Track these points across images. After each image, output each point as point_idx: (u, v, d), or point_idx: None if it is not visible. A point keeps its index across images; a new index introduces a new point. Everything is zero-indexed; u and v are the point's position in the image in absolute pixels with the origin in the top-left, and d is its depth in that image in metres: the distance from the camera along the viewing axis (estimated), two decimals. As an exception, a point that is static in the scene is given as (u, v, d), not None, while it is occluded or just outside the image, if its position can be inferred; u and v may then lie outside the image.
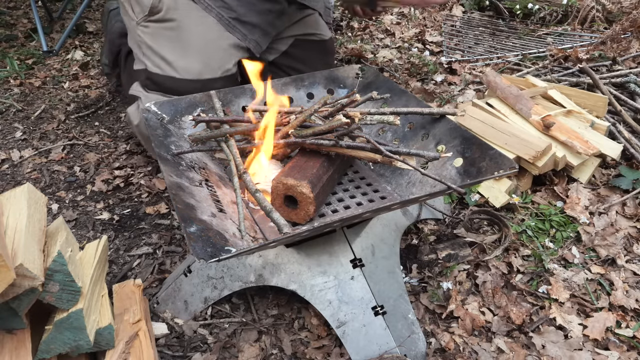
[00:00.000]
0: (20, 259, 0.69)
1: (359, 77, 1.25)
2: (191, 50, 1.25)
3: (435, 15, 2.69)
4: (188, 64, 1.24)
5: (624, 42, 2.01)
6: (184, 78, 1.22)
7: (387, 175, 1.07)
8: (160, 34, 1.25)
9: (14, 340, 0.75)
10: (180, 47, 1.25)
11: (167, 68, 1.24)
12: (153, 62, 1.26)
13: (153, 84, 1.27)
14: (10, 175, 1.56)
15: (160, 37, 1.25)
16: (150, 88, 1.28)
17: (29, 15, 2.86)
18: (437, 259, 1.15)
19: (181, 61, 1.24)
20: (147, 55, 1.27)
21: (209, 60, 1.25)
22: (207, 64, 1.25)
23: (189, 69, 1.24)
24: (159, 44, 1.25)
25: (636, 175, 1.36)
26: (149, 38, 1.26)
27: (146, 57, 1.28)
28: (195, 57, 1.24)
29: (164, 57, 1.24)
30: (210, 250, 0.71)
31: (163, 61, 1.24)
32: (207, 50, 1.25)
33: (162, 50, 1.25)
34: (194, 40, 1.25)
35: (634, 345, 0.97)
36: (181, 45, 1.25)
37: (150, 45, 1.26)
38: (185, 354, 0.98)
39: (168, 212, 1.37)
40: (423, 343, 0.95)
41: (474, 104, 1.52)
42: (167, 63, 1.24)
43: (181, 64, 1.24)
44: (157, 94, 1.26)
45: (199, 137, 1.03)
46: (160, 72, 1.25)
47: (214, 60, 1.26)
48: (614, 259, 1.16)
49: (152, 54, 1.26)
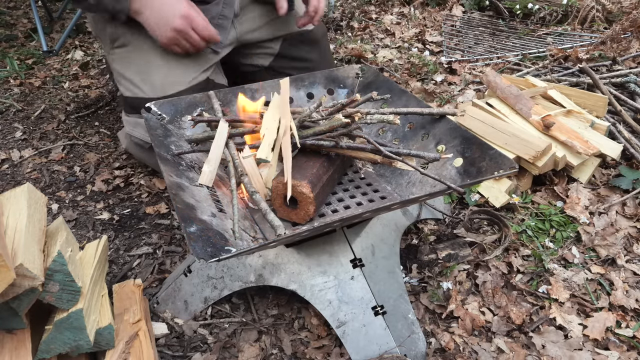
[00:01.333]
0: (20, 259, 0.69)
1: (359, 77, 1.25)
2: (152, 69, 1.26)
3: (435, 15, 2.69)
4: (151, 82, 1.25)
5: (624, 42, 2.01)
6: (150, 97, 1.23)
7: (387, 175, 1.07)
8: (123, 59, 1.29)
9: (14, 340, 0.75)
10: (141, 68, 1.27)
11: (135, 89, 1.27)
12: (124, 86, 1.29)
13: (130, 107, 1.29)
14: (10, 175, 1.56)
15: (123, 61, 1.29)
16: (128, 112, 1.31)
17: (29, 15, 2.86)
18: (437, 259, 1.15)
19: (145, 81, 1.26)
20: (119, 81, 1.31)
21: (170, 75, 1.25)
22: (169, 79, 1.25)
23: (153, 87, 1.25)
24: (124, 68, 1.28)
25: (636, 175, 1.36)
26: (116, 65, 1.30)
27: (119, 83, 1.31)
28: (155, 74, 1.25)
29: (130, 80, 1.27)
30: (210, 250, 0.71)
31: (130, 84, 1.27)
32: (166, 65, 1.26)
33: (127, 73, 1.28)
34: (152, 58, 1.26)
35: (634, 345, 0.97)
36: (141, 66, 1.27)
37: (119, 70, 1.30)
38: (185, 354, 0.98)
39: (168, 212, 1.37)
40: (423, 343, 0.95)
41: (474, 104, 1.52)
42: (133, 85, 1.27)
43: (145, 84, 1.26)
44: (135, 116, 1.27)
45: (196, 138, 1.03)
46: (131, 94, 1.28)
47: (175, 73, 1.26)
48: (614, 259, 1.16)
49: (122, 79, 1.29)
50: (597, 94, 1.54)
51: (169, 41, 1.19)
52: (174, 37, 1.18)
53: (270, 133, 0.95)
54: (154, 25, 1.18)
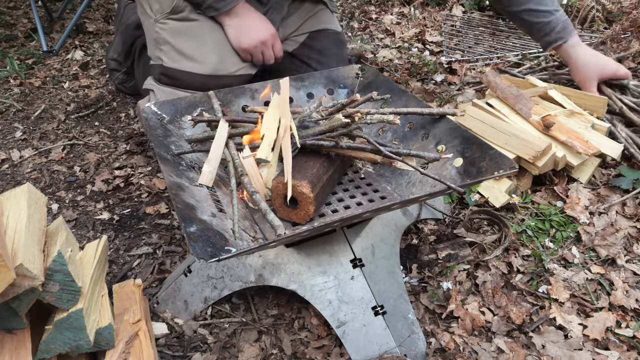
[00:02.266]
0: (20, 259, 0.69)
1: (359, 77, 1.25)
2: (209, 48, 1.30)
3: (435, 15, 2.69)
4: (206, 59, 1.29)
5: (624, 42, 2.01)
6: (200, 73, 1.28)
7: (387, 175, 1.07)
8: (180, 31, 1.30)
9: (14, 340, 0.75)
10: (199, 44, 1.30)
11: (185, 63, 1.29)
12: (170, 57, 1.30)
13: (168, 78, 1.31)
14: (10, 175, 1.56)
15: (179, 34, 1.30)
16: (163, 82, 1.33)
17: (29, 15, 2.86)
18: (437, 258, 1.15)
19: (199, 56, 1.29)
20: (165, 51, 1.32)
21: (226, 58, 1.30)
22: (224, 61, 1.30)
23: (206, 64, 1.29)
24: (178, 40, 1.30)
25: (636, 175, 1.36)
26: (167, 34, 1.31)
27: (163, 53, 1.32)
28: (212, 54, 1.29)
29: (182, 52, 1.29)
30: (210, 250, 0.71)
31: (181, 56, 1.29)
32: (223, 49, 1.30)
33: (181, 45, 1.30)
34: (212, 39, 1.30)
35: (634, 345, 0.97)
36: (200, 42, 1.30)
37: (169, 40, 1.31)
38: (185, 354, 0.98)
39: (168, 212, 1.37)
40: (423, 343, 0.95)
41: (474, 104, 1.52)
42: (185, 58, 1.29)
43: (199, 59, 1.29)
44: (171, 87, 1.31)
45: (196, 138, 1.03)
46: (177, 66, 1.29)
47: (230, 58, 1.31)
48: (614, 259, 1.16)
49: (170, 50, 1.31)
50: (596, 95, 1.54)
51: (249, 47, 1.29)
52: (257, 46, 1.29)
53: (270, 133, 0.95)
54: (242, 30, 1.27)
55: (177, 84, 1.31)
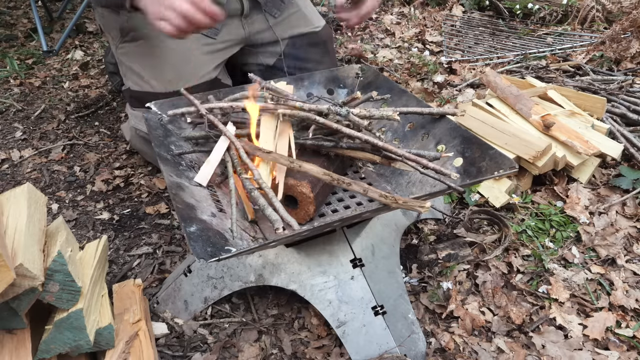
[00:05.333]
0: (20, 258, 0.69)
1: (359, 77, 1.25)
2: (163, 63, 1.27)
3: (435, 15, 2.69)
4: (162, 77, 1.27)
5: (623, 42, 2.01)
6: (158, 92, 1.25)
7: (387, 175, 1.07)
8: (133, 53, 1.29)
9: (14, 340, 0.75)
10: (152, 62, 1.28)
11: (143, 84, 1.28)
12: (132, 80, 1.30)
13: (136, 101, 1.31)
14: (10, 175, 1.56)
15: (133, 55, 1.29)
16: (134, 105, 1.32)
17: (29, 15, 2.86)
18: (437, 258, 1.15)
19: (155, 76, 1.27)
20: (127, 75, 1.32)
21: (182, 69, 1.27)
22: (180, 73, 1.26)
23: (163, 82, 1.26)
24: (133, 62, 1.29)
25: (636, 175, 1.36)
26: (125, 58, 1.31)
27: (127, 78, 1.32)
28: (167, 69, 1.27)
29: (139, 74, 1.28)
30: (210, 250, 0.71)
31: (139, 78, 1.29)
32: (178, 59, 1.27)
33: (136, 67, 1.29)
34: (164, 52, 1.27)
35: (634, 345, 0.97)
36: (153, 59, 1.28)
37: (127, 64, 1.31)
38: (185, 354, 0.98)
39: (168, 212, 1.37)
40: (423, 343, 0.95)
41: (474, 104, 1.52)
42: (142, 79, 1.28)
43: (155, 79, 1.27)
44: (141, 110, 1.28)
45: (193, 136, 1.03)
46: (138, 88, 1.29)
47: (187, 68, 1.27)
48: (614, 259, 1.16)
49: (130, 73, 1.31)
50: (596, 96, 1.54)
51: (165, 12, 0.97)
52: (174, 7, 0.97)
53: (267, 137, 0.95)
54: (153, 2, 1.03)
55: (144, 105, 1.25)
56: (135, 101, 1.30)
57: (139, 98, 1.28)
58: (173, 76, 1.26)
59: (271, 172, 0.92)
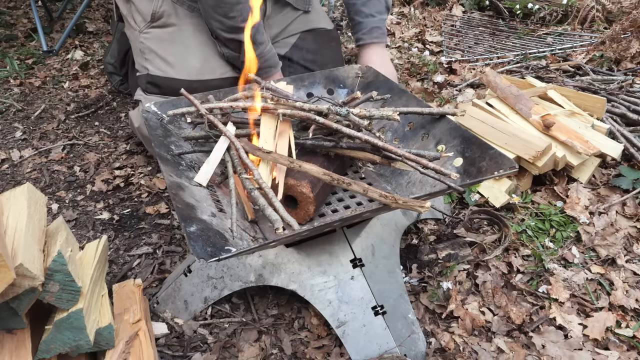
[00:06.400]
0: (20, 258, 0.69)
1: (359, 77, 1.25)
2: (191, 52, 1.31)
3: (435, 15, 2.69)
4: (188, 64, 1.31)
5: (623, 42, 2.01)
6: (184, 79, 1.29)
7: (387, 175, 1.07)
8: (162, 38, 1.33)
9: (14, 340, 0.75)
10: (181, 50, 1.32)
11: (168, 69, 1.31)
12: (155, 65, 1.33)
13: (154, 86, 1.33)
14: (10, 175, 1.56)
15: (161, 41, 1.33)
16: (150, 91, 1.35)
17: (29, 15, 2.86)
18: (437, 258, 1.15)
19: (181, 62, 1.31)
20: (150, 60, 1.34)
21: (208, 61, 1.31)
22: (206, 65, 1.31)
23: (189, 70, 1.30)
24: (160, 47, 1.32)
25: (636, 175, 1.36)
26: (151, 43, 1.34)
27: (148, 62, 1.34)
28: (194, 58, 1.31)
29: (165, 59, 1.31)
30: (210, 250, 0.71)
31: (164, 63, 1.31)
32: (205, 52, 1.31)
33: (164, 52, 1.32)
34: (193, 43, 1.32)
35: (634, 345, 0.97)
36: (181, 47, 1.32)
37: (153, 49, 1.33)
38: (185, 354, 0.98)
39: (168, 212, 1.37)
40: (423, 343, 0.95)
41: (474, 104, 1.52)
42: (168, 65, 1.31)
43: (181, 65, 1.31)
44: (157, 96, 1.32)
45: (192, 136, 1.03)
46: (161, 74, 1.31)
47: (212, 62, 1.32)
48: (614, 259, 1.16)
49: (154, 57, 1.33)
50: (596, 96, 1.54)
51: None
52: None
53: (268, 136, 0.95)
54: None
55: (163, 92, 1.32)
56: (152, 86, 1.34)
57: (158, 83, 1.32)
58: (199, 66, 1.30)
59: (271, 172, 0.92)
